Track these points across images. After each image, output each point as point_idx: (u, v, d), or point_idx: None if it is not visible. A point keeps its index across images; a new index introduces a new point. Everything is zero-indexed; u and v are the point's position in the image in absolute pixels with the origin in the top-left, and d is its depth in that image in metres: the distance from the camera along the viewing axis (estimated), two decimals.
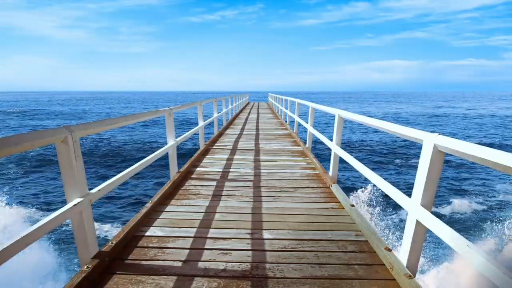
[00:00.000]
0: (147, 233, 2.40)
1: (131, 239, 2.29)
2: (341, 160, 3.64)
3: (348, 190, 9.10)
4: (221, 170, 4.42)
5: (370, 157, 13.77)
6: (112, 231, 6.60)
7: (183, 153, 11.57)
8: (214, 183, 3.79)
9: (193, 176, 4.11)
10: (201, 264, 1.97)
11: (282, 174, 4.21)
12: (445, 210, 7.93)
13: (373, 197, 8.47)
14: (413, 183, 1.74)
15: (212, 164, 4.75)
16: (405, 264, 1.79)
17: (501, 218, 7.24)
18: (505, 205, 8.22)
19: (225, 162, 4.92)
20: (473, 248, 1.27)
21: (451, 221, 7.10)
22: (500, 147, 16.36)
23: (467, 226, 6.90)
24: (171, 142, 3.66)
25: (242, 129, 9.29)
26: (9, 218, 7.21)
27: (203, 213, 2.82)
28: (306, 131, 5.72)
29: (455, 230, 1.42)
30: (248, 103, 28.44)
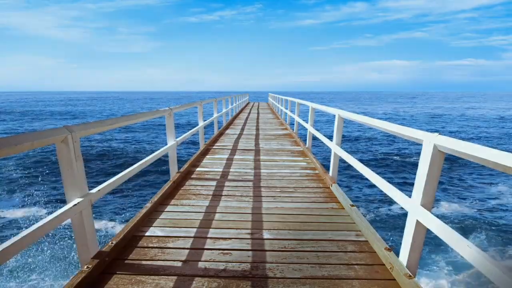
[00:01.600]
0: (147, 233, 2.40)
1: (131, 239, 2.29)
2: (341, 160, 3.64)
3: (348, 190, 9.11)
4: (221, 170, 4.42)
5: (370, 157, 13.77)
6: (112, 231, 6.60)
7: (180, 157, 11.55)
8: (214, 183, 3.79)
9: (193, 176, 4.11)
10: (201, 264, 1.97)
11: (282, 174, 4.20)
12: (445, 210, 7.93)
13: (373, 197, 8.48)
14: (413, 183, 1.74)
15: (212, 164, 4.75)
16: (405, 264, 1.79)
17: (501, 218, 7.24)
18: (504, 205, 8.22)
19: (225, 162, 4.92)
20: (473, 248, 1.27)
21: (451, 221, 7.10)
22: (500, 147, 16.36)
23: (467, 226, 6.89)
24: (171, 142, 3.67)
25: (242, 129, 9.29)
26: (9, 219, 7.22)
27: (203, 213, 2.82)
28: (306, 131, 5.72)
29: (455, 230, 1.42)
30: (248, 103, 28.46)
